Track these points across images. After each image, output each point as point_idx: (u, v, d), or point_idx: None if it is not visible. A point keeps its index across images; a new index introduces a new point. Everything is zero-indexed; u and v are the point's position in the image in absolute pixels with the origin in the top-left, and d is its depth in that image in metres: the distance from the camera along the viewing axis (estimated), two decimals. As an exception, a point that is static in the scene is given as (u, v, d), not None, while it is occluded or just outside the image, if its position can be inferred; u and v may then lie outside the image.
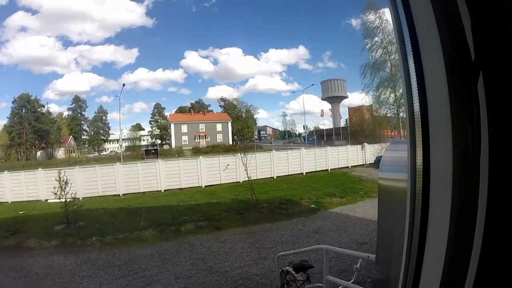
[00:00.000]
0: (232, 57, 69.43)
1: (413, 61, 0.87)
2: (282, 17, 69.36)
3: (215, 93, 74.18)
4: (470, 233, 0.78)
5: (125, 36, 62.64)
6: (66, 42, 68.77)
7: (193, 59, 66.42)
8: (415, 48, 0.86)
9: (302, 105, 66.86)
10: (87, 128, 60.93)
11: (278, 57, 75.18)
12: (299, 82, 70.42)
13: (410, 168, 0.88)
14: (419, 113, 0.85)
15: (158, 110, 62.24)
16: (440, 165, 0.81)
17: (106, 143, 61.65)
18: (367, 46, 29.03)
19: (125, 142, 52.65)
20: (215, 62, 74.58)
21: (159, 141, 60.52)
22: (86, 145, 59.80)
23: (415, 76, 0.86)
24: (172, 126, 54.72)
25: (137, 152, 47.77)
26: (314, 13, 66.45)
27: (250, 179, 14.66)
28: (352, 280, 3.34)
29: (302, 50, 70.65)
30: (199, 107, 60.90)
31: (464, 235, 0.78)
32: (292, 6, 68.68)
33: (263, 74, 69.20)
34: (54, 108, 58.08)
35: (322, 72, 66.11)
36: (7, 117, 49.19)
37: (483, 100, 0.78)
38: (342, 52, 67.60)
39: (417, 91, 0.86)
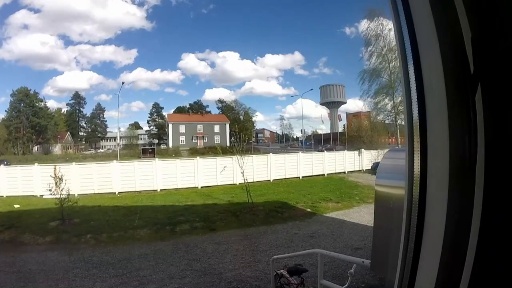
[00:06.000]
0: (229, 60, 70.21)
1: (413, 71, 0.89)
2: (278, 24, 70.44)
3: (212, 95, 74.66)
4: (465, 238, 0.80)
5: (124, 38, 63.57)
6: (67, 41, 69.78)
7: (191, 61, 67.18)
8: (415, 58, 0.88)
9: (299, 109, 67.49)
10: (84, 125, 60.85)
11: (274, 61, 76.17)
12: (295, 87, 71.26)
13: (408, 173, 0.91)
14: (418, 121, 0.87)
15: (157, 109, 62.30)
16: (437, 172, 0.83)
17: (103, 140, 61.52)
18: (366, 53, 29.20)
19: (122, 140, 52.49)
20: (212, 65, 75.99)
21: (156, 141, 60.45)
22: (83, 142, 59.64)
23: (415, 86, 0.88)
24: (170, 126, 54.64)
25: (134, 151, 47.72)
26: (309, 20, 67.41)
27: (246, 181, 14.71)
28: (346, 285, 3.34)
29: (297, 56, 71.56)
30: (197, 108, 60.92)
31: (459, 240, 0.81)
32: (288, 12, 69.55)
33: (259, 78, 69.87)
34: (52, 104, 58.34)
35: (318, 78, 67.03)
36: (5, 111, 49.15)
37: (480, 111, 0.80)
38: (338, 58, 68.56)
39: (416, 100, 0.88)
